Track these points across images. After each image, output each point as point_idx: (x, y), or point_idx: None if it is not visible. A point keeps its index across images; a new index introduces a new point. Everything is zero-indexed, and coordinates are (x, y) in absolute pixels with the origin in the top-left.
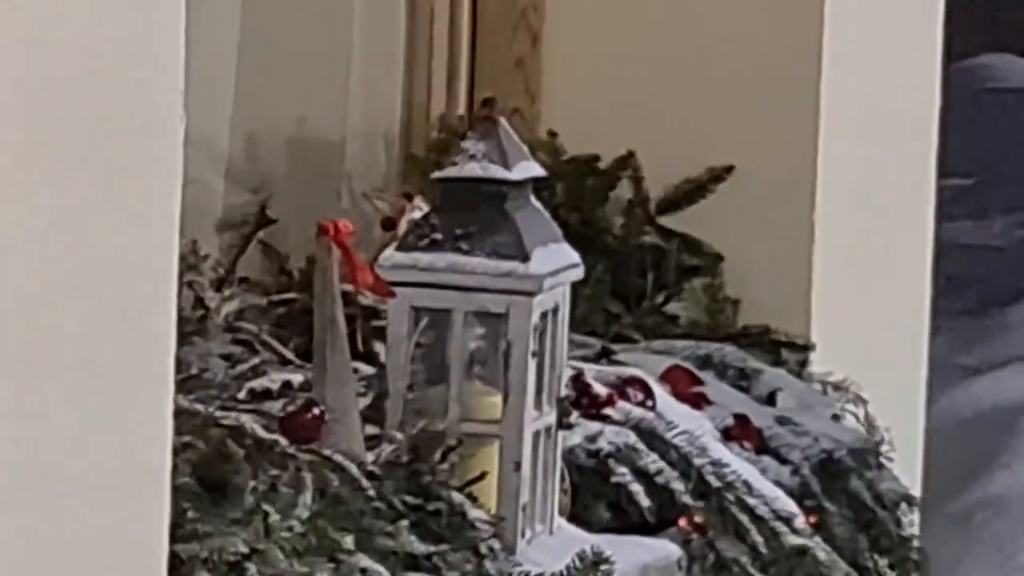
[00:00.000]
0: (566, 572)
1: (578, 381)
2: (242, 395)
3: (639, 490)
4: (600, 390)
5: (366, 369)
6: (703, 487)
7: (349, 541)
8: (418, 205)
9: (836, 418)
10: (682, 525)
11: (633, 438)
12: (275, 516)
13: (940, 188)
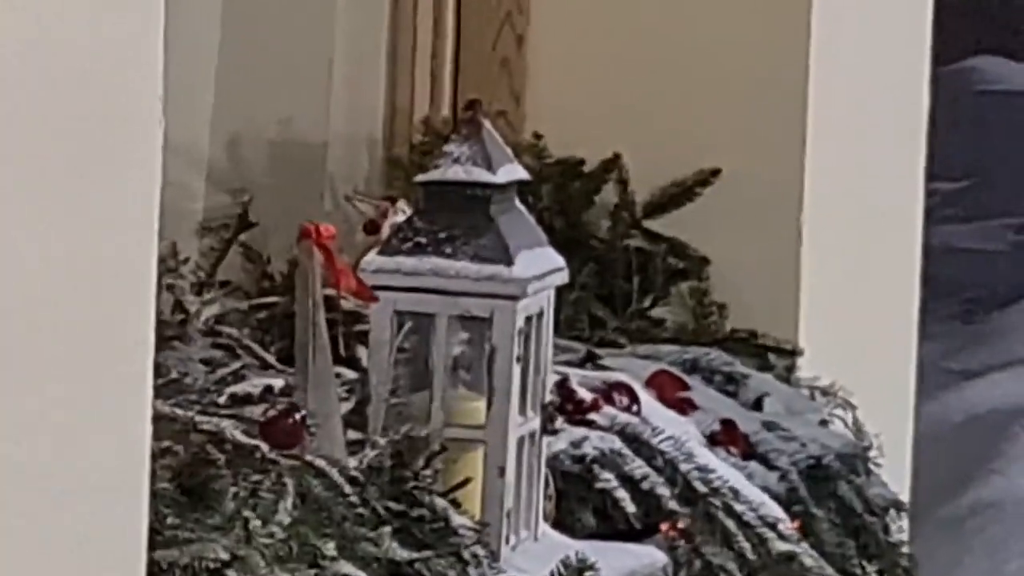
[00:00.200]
0: None
1: (563, 386)
2: (223, 400)
3: (624, 496)
4: (585, 395)
5: (349, 374)
6: (689, 493)
7: (331, 547)
8: (401, 208)
9: (824, 423)
10: (668, 531)
11: (618, 443)
12: (256, 522)
13: (931, 191)
